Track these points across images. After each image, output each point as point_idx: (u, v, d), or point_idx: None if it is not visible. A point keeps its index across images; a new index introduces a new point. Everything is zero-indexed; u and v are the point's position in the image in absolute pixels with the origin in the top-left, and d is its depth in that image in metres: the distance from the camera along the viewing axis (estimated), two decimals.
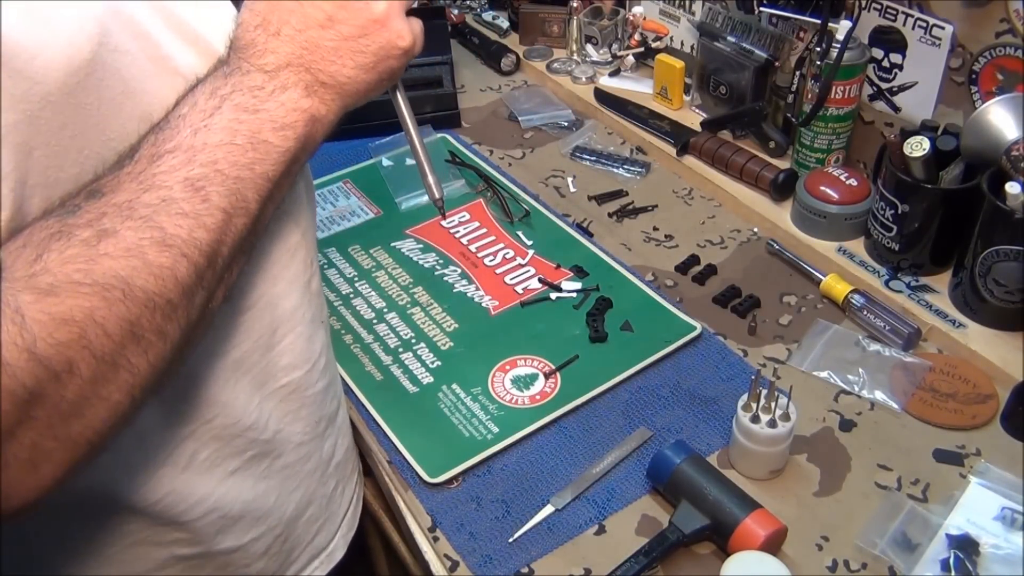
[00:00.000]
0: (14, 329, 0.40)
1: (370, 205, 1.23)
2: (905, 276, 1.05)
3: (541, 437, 0.91)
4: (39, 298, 0.41)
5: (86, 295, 0.43)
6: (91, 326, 0.43)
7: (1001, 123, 0.93)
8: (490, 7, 1.64)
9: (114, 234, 0.44)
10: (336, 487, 0.79)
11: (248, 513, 0.68)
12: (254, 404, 0.65)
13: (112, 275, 0.44)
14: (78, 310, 0.42)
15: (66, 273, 0.42)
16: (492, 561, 0.81)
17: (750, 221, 1.18)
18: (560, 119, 1.39)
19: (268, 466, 0.69)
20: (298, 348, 0.67)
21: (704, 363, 0.98)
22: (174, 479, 0.62)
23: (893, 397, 0.93)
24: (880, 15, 1.10)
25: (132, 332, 0.44)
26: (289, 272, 0.65)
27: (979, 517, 0.81)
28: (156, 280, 0.45)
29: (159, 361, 0.47)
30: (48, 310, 0.41)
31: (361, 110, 1.03)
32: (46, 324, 0.41)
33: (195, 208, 0.47)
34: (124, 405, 0.46)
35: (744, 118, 1.27)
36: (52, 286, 0.42)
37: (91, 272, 0.43)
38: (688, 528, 0.79)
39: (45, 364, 0.41)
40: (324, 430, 0.74)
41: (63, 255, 0.43)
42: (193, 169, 0.48)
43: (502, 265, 1.11)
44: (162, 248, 0.46)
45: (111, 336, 0.43)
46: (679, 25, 1.39)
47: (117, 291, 0.44)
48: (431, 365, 0.98)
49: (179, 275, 0.47)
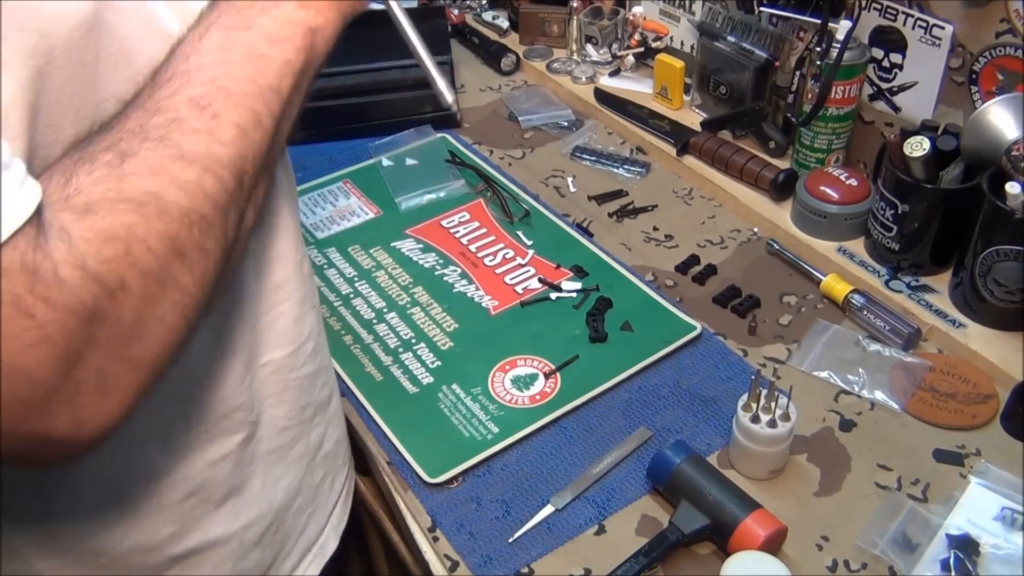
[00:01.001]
0: (63, 247, 0.40)
1: (370, 205, 1.23)
2: (905, 276, 1.05)
3: (541, 437, 0.91)
4: (79, 217, 0.41)
5: (123, 211, 0.43)
6: (134, 242, 0.43)
7: (1001, 123, 0.93)
8: (490, 7, 1.64)
9: (134, 155, 0.44)
10: (324, 478, 0.78)
11: (232, 498, 0.67)
12: (240, 385, 0.64)
13: (143, 192, 0.44)
14: (119, 227, 0.42)
15: (99, 192, 0.42)
16: (492, 561, 0.81)
17: (750, 221, 1.18)
18: (560, 119, 1.39)
19: (252, 450, 0.68)
20: (282, 326, 0.67)
21: (704, 363, 0.98)
22: (166, 465, 0.61)
23: (893, 397, 0.93)
24: (880, 15, 1.10)
25: (174, 248, 0.45)
26: (279, 245, 0.65)
27: (979, 517, 0.81)
28: (186, 195, 0.45)
29: (205, 279, 0.47)
30: (91, 227, 0.41)
31: (361, 110, 1.03)
32: (92, 241, 0.41)
33: (206, 125, 0.47)
34: (179, 326, 0.46)
35: (744, 118, 1.27)
36: (88, 205, 0.42)
37: (122, 191, 0.43)
38: (688, 528, 0.79)
39: (99, 281, 0.41)
40: (312, 417, 0.74)
41: (91, 177, 0.43)
42: (194, 89, 0.48)
43: (502, 265, 1.11)
44: (184, 164, 0.46)
45: (155, 252, 0.44)
46: (679, 25, 1.39)
47: (151, 207, 0.44)
48: (431, 365, 0.98)
49: (208, 190, 0.46)
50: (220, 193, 0.47)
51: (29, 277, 0.39)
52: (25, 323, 0.39)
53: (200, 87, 0.48)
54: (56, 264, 0.40)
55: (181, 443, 0.62)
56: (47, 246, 0.40)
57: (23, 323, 0.39)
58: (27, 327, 0.39)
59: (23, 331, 0.39)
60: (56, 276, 0.40)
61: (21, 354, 0.39)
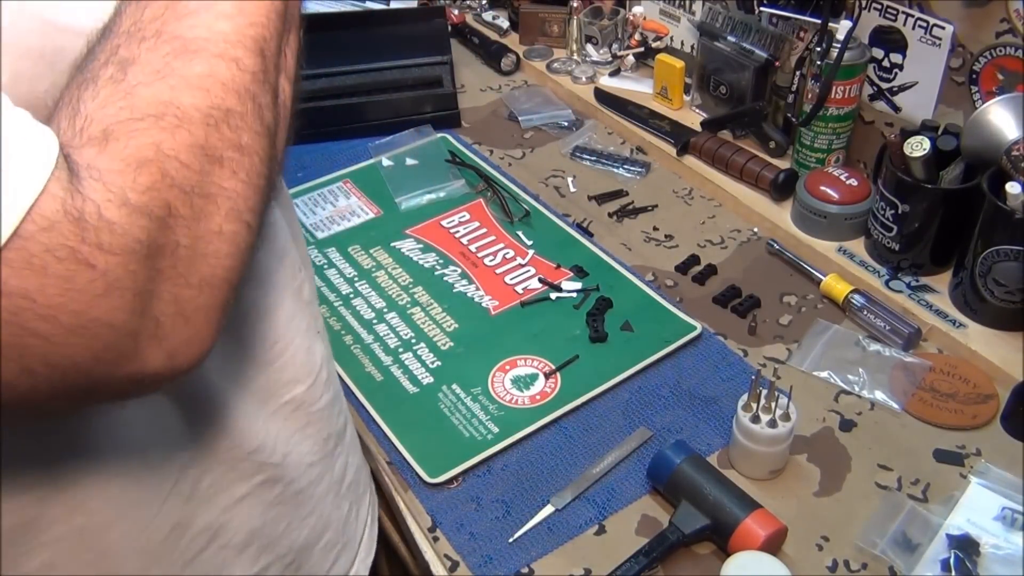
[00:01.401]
0: (99, 186, 0.38)
1: (370, 205, 1.23)
2: (905, 276, 1.05)
3: (541, 437, 0.91)
4: (100, 148, 0.39)
5: (143, 130, 0.40)
6: (166, 160, 0.40)
7: (1001, 123, 0.93)
8: (490, 7, 1.64)
9: (135, 61, 0.41)
10: (350, 510, 0.75)
11: (255, 541, 0.64)
12: (259, 424, 0.61)
13: (155, 102, 0.40)
14: (145, 148, 0.39)
15: (111, 115, 0.40)
16: (492, 561, 0.81)
17: (750, 221, 1.18)
18: (560, 119, 1.39)
19: (281, 492, 0.64)
20: (298, 361, 0.64)
21: (704, 363, 0.98)
22: (179, 511, 0.58)
23: (893, 397, 0.93)
24: (880, 15, 1.10)
25: (208, 156, 0.41)
26: (279, 278, 0.62)
27: (979, 517, 0.81)
28: (201, 92, 0.41)
29: (253, 176, 0.44)
30: (117, 156, 0.39)
31: (361, 110, 1.03)
32: (124, 172, 0.39)
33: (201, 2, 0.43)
34: (241, 233, 0.43)
35: (744, 118, 1.27)
36: (105, 133, 0.39)
37: (134, 107, 0.40)
38: (688, 528, 0.79)
39: (145, 213, 0.39)
40: (334, 448, 0.70)
41: (98, 100, 0.40)
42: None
43: (502, 265, 1.11)
44: (189, 56, 0.42)
45: (190, 166, 0.41)
46: (679, 25, 1.39)
47: (169, 117, 0.40)
48: (431, 365, 0.98)
49: (223, 78, 0.42)
50: (240, 77, 0.43)
51: (76, 225, 0.37)
52: (88, 275, 0.37)
53: None
54: (98, 205, 0.37)
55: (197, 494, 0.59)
56: (82, 187, 0.38)
57: (86, 275, 0.37)
58: (91, 278, 0.37)
59: (88, 283, 0.37)
60: (102, 218, 0.37)
61: (94, 306, 0.38)
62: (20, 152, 0.36)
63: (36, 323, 0.37)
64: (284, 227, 0.63)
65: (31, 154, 0.37)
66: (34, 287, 0.36)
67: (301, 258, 0.66)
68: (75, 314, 0.37)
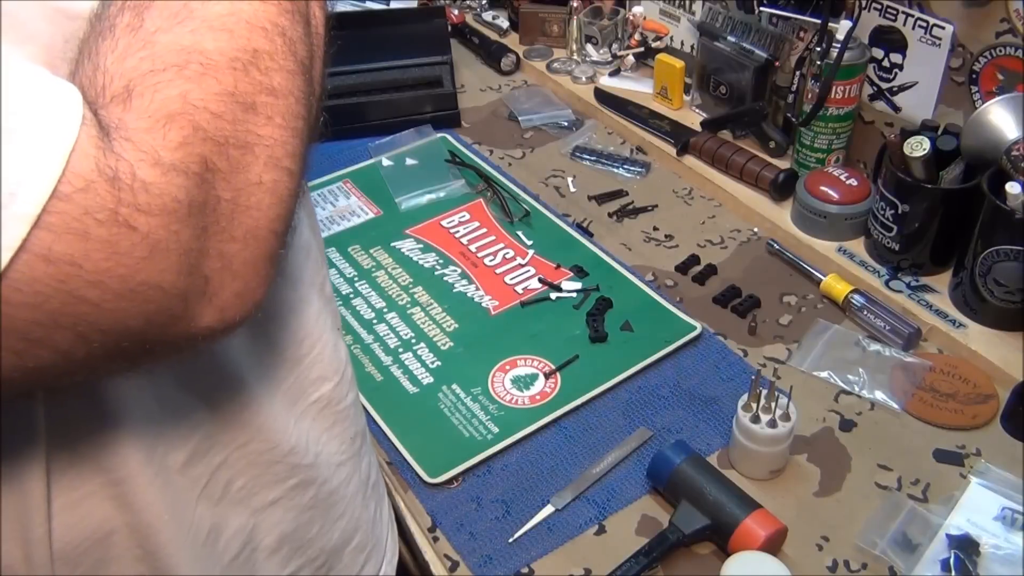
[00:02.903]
0: (130, 146, 0.36)
1: (370, 205, 1.23)
2: (905, 276, 1.05)
3: (541, 437, 0.91)
4: (125, 106, 0.37)
5: (168, 81, 0.37)
6: (195, 112, 0.38)
7: (1001, 123, 0.93)
8: (490, 7, 1.64)
9: (150, 5, 0.39)
10: (376, 510, 0.74)
11: (286, 544, 0.63)
12: (291, 425, 0.59)
13: (177, 49, 0.38)
14: (171, 101, 0.37)
15: (131, 68, 0.38)
16: (492, 561, 0.81)
17: (750, 221, 1.18)
18: (560, 119, 1.39)
19: (314, 495, 0.63)
20: (326, 358, 0.62)
21: (704, 363, 0.98)
22: (211, 514, 0.57)
23: (893, 397, 0.93)
24: (880, 15, 1.10)
25: (239, 102, 0.39)
26: (305, 273, 0.60)
27: (979, 517, 0.81)
28: (224, 33, 0.39)
29: (290, 119, 0.41)
30: (144, 113, 0.37)
31: (361, 110, 1.03)
32: (153, 129, 0.37)
33: None
34: (283, 181, 0.41)
35: (744, 118, 1.27)
36: (128, 88, 0.37)
37: (155, 57, 0.38)
38: (688, 528, 0.79)
39: (180, 170, 0.37)
40: (360, 447, 0.69)
41: (116, 52, 0.38)
42: None
43: (502, 265, 1.11)
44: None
45: (221, 115, 0.38)
46: (679, 25, 1.39)
47: (194, 64, 0.38)
48: (431, 365, 0.98)
49: (246, 16, 0.40)
50: (263, 11, 0.40)
51: (112, 186, 0.35)
52: (131, 238, 0.36)
53: None
54: (131, 165, 0.36)
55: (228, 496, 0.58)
56: (113, 146, 0.36)
57: (129, 238, 0.36)
58: (134, 242, 0.36)
59: (132, 247, 0.36)
60: (137, 179, 0.36)
61: (141, 270, 0.37)
62: (46, 108, 0.35)
63: (85, 290, 0.36)
64: (305, 222, 0.62)
65: (58, 110, 0.35)
66: (79, 253, 0.35)
67: (320, 254, 0.65)
68: (122, 279, 0.36)
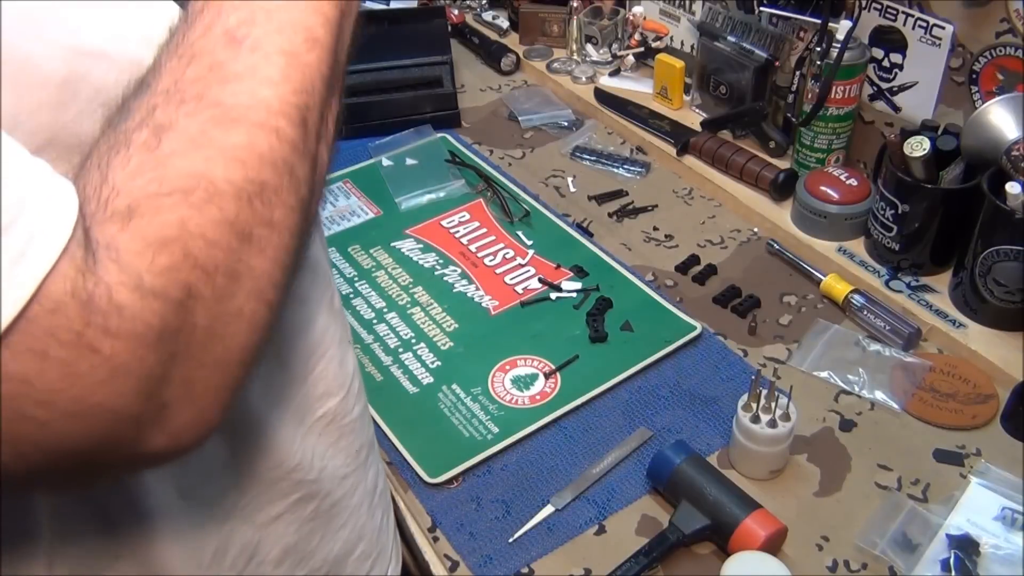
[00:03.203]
0: (114, 268, 0.36)
1: (370, 205, 1.23)
2: (905, 276, 1.05)
3: (541, 437, 0.91)
4: (123, 225, 0.36)
5: (171, 206, 0.37)
6: (191, 240, 0.37)
7: (1001, 123, 0.93)
8: (490, 7, 1.64)
9: (172, 127, 0.38)
10: (382, 518, 0.73)
11: (289, 556, 0.62)
12: (297, 442, 0.59)
13: (187, 175, 0.38)
14: (169, 226, 0.37)
15: (140, 187, 0.37)
16: (492, 561, 0.81)
17: (750, 221, 1.18)
18: (560, 119, 1.39)
19: (315, 508, 0.62)
20: (331, 374, 0.61)
21: (704, 363, 0.98)
22: (217, 534, 0.56)
23: (893, 397, 0.93)
24: (880, 15, 1.10)
25: (237, 232, 0.39)
26: (315, 290, 0.59)
27: (979, 517, 0.81)
28: (238, 164, 0.39)
29: (280, 253, 0.41)
30: (139, 236, 0.36)
31: (361, 110, 1.02)
32: (143, 253, 0.36)
33: (246, 64, 0.40)
34: (260, 312, 0.41)
35: (744, 118, 1.27)
36: (130, 208, 0.37)
37: (165, 179, 0.37)
38: (688, 528, 0.79)
39: (161, 296, 0.36)
40: (366, 458, 0.68)
41: (128, 169, 0.37)
42: (228, 18, 0.41)
43: (502, 265, 1.11)
44: (229, 124, 0.39)
45: (217, 244, 0.38)
46: (679, 25, 1.39)
47: (200, 191, 0.38)
48: (431, 365, 0.98)
49: (261, 150, 0.40)
50: (279, 149, 0.40)
51: (83, 308, 0.35)
52: (91, 360, 0.35)
53: (234, 14, 0.41)
54: (110, 288, 0.35)
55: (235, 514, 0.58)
56: (96, 269, 0.35)
57: (89, 360, 0.35)
58: (94, 364, 0.35)
59: (91, 369, 0.35)
60: (112, 302, 0.35)
61: (95, 392, 0.36)
62: (36, 219, 0.34)
63: (33, 408, 0.35)
64: (314, 237, 0.59)
65: (47, 223, 0.34)
66: (33, 372, 0.34)
67: (327, 269, 0.64)
68: (75, 400, 0.35)
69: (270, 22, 0.41)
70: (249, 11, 0.41)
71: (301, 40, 0.42)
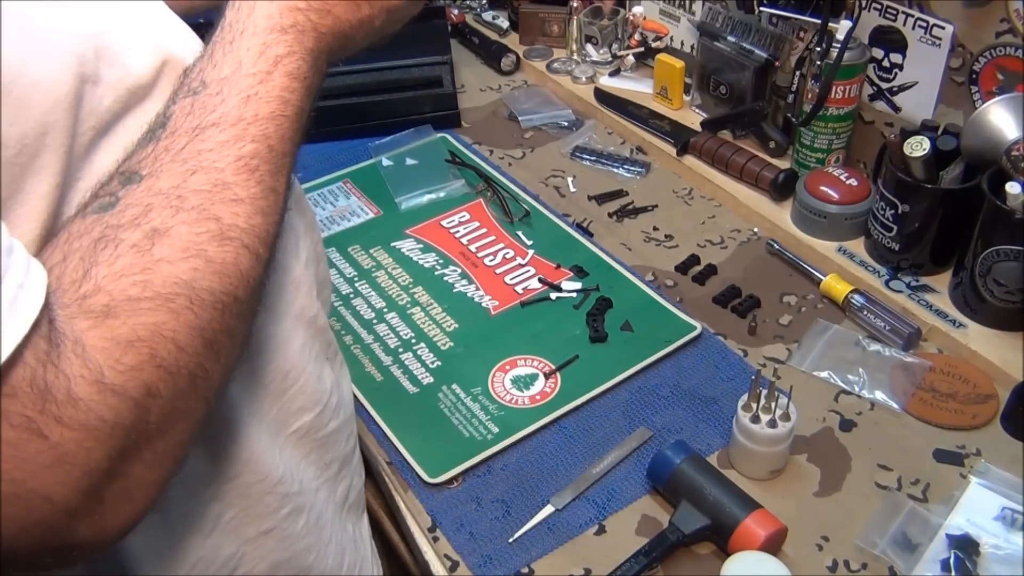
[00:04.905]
0: (78, 362, 0.36)
1: (370, 205, 1.23)
2: (905, 276, 1.05)
3: (541, 437, 0.91)
4: (97, 323, 0.37)
5: (149, 311, 0.38)
6: (160, 343, 0.38)
7: (1001, 123, 0.93)
8: (490, 7, 1.64)
9: (167, 233, 0.40)
10: (355, 529, 0.74)
11: (279, 573, 0.63)
12: (276, 455, 0.60)
13: (173, 282, 0.39)
14: (143, 328, 0.38)
15: (122, 289, 0.38)
16: (492, 561, 0.81)
17: (750, 221, 1.18)
18: (560, 119, 1.39)
19: (305, 521, 0.63)
20: (308, 390, 0.62)
21: (704, 363, 0.98)
22: (200, 547, 0.57)
23: (893, 397, 0.93)
24: (880, 15, 1.10)
25: (204, 340, 0.41)
26: (294, 308, 0.60)
27: (979, 517, 0.81)
28: (221, 278, 0.41)
29: (230, 360, 0.44)
30: (109, 335, 0.37)
31: (361, 110, 1.01)
32: (110, 350, 0.37)
33: (250, 192, 0.43)
34: (200, 412, 0.43)
35: (744, 118, 1.27)
36: (109, 308, 0.38)
37: (150, 284, 0.39)
38: (688, 528, 0.79)
39: (119, 393, 0.37)
40: (337, 472, 0.69)
41: (114, 268, 0.38)
42: (244, 147, 0.43)
43: (502, 265, 1.11)
44: (222, 242, 0.41)
45: (184, 349, 0.40)
46: (679, 25, 1.39)
47: (182, 299, 0.39)
48: (431, 365, 0.98)
49: (243, 268, 0.42)
50: (254, 269, 0.43)
51: (39, 397, 0.35)
52: (38, 445, 0.35)
53: (251, 145, 0.43)
54: (69, 380, 0.36)
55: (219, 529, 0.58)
56: (59, 361, 0.36)
57: (36, 445, 0.35)
58: (40, 449, 0.35)
59: (36, 454, 0.35)
60: (70, 394, 0.36)
61: (36, 477, 0.35)
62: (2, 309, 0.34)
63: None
64: (301, 257, 0.61)
65: (13, 314, 0.35)
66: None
67: (320, 281, 0.65)
68: (13, 483, 0.35)
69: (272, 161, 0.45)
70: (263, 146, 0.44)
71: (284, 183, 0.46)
